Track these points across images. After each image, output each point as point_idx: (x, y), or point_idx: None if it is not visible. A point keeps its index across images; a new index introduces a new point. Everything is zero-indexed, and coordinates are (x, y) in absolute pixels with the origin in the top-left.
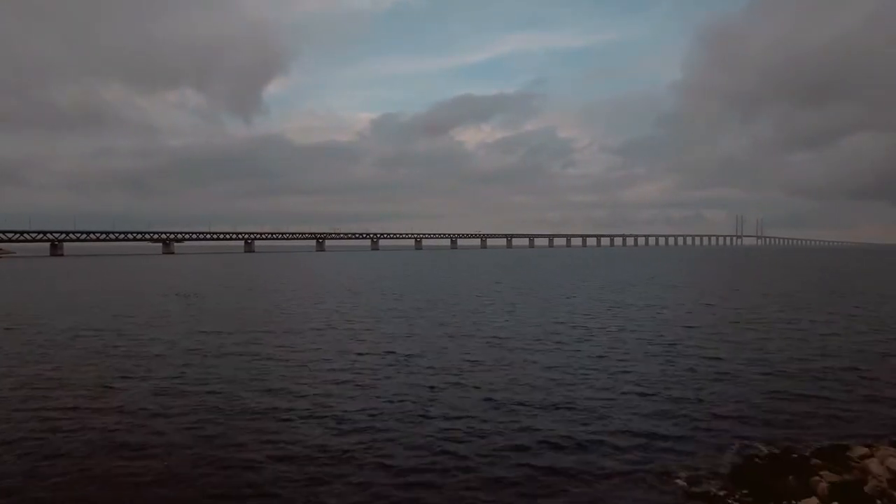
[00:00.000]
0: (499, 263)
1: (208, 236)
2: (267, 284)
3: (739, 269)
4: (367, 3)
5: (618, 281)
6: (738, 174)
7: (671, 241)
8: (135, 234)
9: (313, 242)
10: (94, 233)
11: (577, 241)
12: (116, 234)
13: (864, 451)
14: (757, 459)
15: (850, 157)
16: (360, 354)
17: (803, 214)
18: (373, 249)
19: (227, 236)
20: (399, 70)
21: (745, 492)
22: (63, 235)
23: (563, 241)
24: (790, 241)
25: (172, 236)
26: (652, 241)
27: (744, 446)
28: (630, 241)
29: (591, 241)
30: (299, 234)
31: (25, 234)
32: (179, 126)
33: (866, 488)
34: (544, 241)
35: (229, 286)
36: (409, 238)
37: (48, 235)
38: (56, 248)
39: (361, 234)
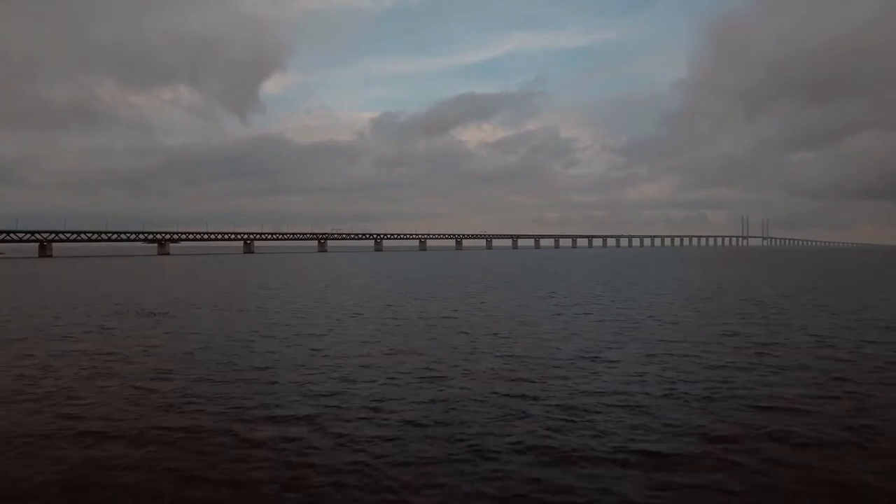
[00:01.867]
0: (514, 267)
1: (206, 236)
2: (252, 300)
3: (804, 273)
4: (367, 2)
5: (679, 293)
6: (742, 174)
7: (676, 241)
8: (129, 235)
9: (314, 243)
10: (85, 233)
11: (582, 242)
12: (109, 235)
13: None
14: None
15: (856, 156)
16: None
17: (807, 215)
18: (376, 250)
19: (226, 236)
20: (399, 69)
21: None
22: (52, 235)
23: (568, 242)
24: (796, 241)
25: (168, 236)
26: (658, 241)
27: None
28: (636, 242)
29: (597, 242)
30: (300, 234)
31: (12, 234)
32: (175, 124)
33: None
34: (549, 242)
35: (210, 300)
36: (413, 238)
37: (36, 235)
38: (45, 249)
39: (364, 234)
